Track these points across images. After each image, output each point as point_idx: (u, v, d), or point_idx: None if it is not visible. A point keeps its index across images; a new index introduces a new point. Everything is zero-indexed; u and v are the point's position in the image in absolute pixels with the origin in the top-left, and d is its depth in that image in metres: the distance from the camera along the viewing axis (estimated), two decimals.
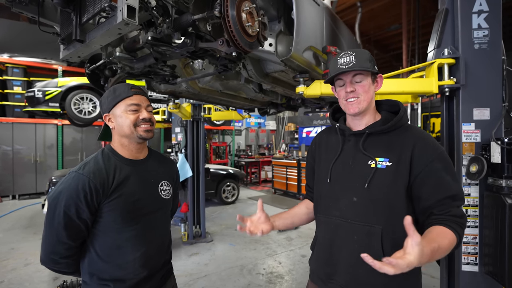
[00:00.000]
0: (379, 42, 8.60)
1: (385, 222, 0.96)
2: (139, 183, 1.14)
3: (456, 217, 0.92)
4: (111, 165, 1.11)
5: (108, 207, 1.06)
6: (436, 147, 0.98)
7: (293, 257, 3.77)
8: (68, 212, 1.01)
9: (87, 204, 1.02)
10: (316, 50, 1.93)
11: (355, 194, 1.01)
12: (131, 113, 1.11)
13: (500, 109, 1.79)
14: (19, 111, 7.10)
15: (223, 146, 10.21)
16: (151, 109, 1.19)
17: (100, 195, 1.04)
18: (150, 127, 1.15)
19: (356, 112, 1.03)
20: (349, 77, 1.03)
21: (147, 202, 1.15)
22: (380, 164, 0.99)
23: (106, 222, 1.08)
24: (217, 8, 1.22)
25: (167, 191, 1.25)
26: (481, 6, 1.82)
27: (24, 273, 3.23)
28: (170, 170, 1.33)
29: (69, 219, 1.02)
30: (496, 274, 1.70)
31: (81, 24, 1.25)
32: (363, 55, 1.02)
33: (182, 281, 3.07)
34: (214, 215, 5.86)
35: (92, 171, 1.05)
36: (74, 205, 1.01)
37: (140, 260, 1.11)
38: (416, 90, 1.92)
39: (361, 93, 1.02)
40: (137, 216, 1.12)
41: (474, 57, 1.82)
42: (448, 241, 0.88)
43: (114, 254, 1.09)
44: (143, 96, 1.16)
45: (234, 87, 2.74)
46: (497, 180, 1.71)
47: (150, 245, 1.15)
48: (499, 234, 1.67)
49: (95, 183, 1.03)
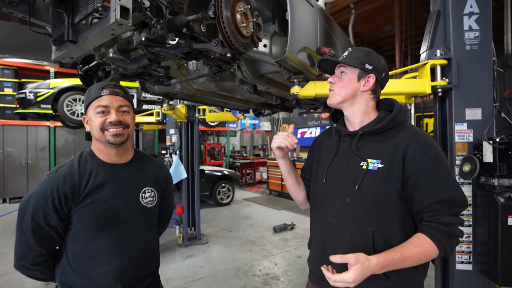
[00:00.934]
0: (372, 44, 8.69)
1: (376, 224, 0.95)
2: (116, 189, 1.07)
3: (443, 225, 0.89)
4: (86, 170, 1.04)
5: (79, 214, 1.00)
6: (430, 148, 0.95)
7: (288, 258, 3.77)
8: (36, 217, 0.96)
9: (55, 210, 0.97)
10: (310, 51, 1.94)
11: (347, 195, 1.01)
12: (99, 116, 1.04)
13: (492, 109, 1.82)
14: (10, 113, 6.97)
15: (218, 147, 10.18)
16: (127, 108, 1.08)
17: (69, 201, 0.98)
18: (121, 131, 1.05)
19: (330, 104, 1.08)
20: (336, 70, 1.10)
21: (123, 210, 1.07)
22: (372, 166, 0.98)
23: (77, 229, 1.02)
24: (212, 9, 1.21)
25: (150, 198, 1.16)
26: (471, 8, 1.86)
27: (15, 278, 3.16)
28: (157, 176, 1.23)
29: (38, 225, 0.97)
30: (489, 272, 1.72)
31: (74, 25, 1.23)
32: (356, 53, 1.04)
33: (177, 283, 3.04)
34: (209, 216, 5.83)
35: (63, 175, 0.99)
36: (42, 210, 0.96)
37: (113, 273, 1.03)
38: (409, 91, 1.94)
39: (335, 87, 1.07)
40: (112, 225, 1.04)
41: (466, 58, 1.85)
42: (421, 250, 0.87)
43: (86, 265, 1.02)
44: (116, 95, 1.06)
45: (229, 88, 2.73)
46: (490, 179, 1.74)
47: (126, 258, 1.07)
48: (492, 232, 1.69)
49: (64, 188, 0.97)
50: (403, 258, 0.87)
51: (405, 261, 0.87)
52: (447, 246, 0.89)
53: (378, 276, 0.91)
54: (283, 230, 4.86)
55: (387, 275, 0.94)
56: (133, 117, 1.12)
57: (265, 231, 4.85)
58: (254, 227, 5.13)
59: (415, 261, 0.87)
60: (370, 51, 1.06)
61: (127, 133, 1.08)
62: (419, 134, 0.99)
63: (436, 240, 0.88)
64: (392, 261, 0.86)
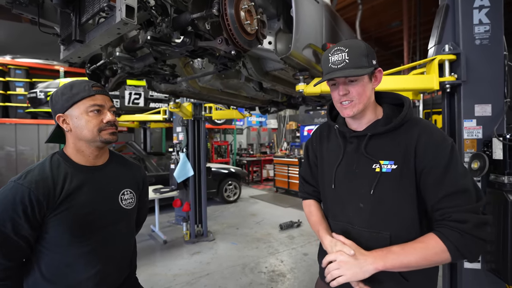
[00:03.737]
0: (380, 40, 8.56)
1: (393, 227, 0.92)
2: (95, 193, 1.02)
3: (454, 222, 0.82)
4: (60, 173, 0.97)
5: (55, 221, 0.93)
6: (439, 141, 0.89)
7: (295, 255, 3.77)
8: (3, 228, 0.87)
9: (27, 219, 0.88)
10: (315, 48, 1.93)
11: (361, 200, 0.96)
12: (94, 116, 0.99)
13: (502, 105, 1.78)
14: (21, 112, 7.14)
15: (225, 145, 10.21)
16: (115, 109, 1.08)
17: (43, 208, 0.90)
18: (116, 130, 1.06)
19: (350, 116, 0.96)
20: (341, 78, 0.93)
21: (103, 213, 1.03)
22: (385, 168, 0.92)
23: (52, 237, 0.94)
24: (216, 7, 1.22)
25: (129, 200, 1.12)
26: (482, 1, 1.81)
27: None
28: (134, 176, 1.19)
29: (5, 237, 0.87)
30: (498, 271, 1.69)
31: (81, 25, 1.25)
32: (357, 50, 0.91)
33: (184, 279, 3.09)
34: (216, 214, 5.87)
35: (34, 180, 0.91)
36: (10, 220, 0.87)
37: (94, 278, 0.99)
38: (416, 87, 1.90)
39: (355, 97, 0.93)
40: (92, 230, 1.00)
41: (475, 53, 1.81)
42: (423, 245, 0.83)
43: (63, 274, 0.96)
44: (106, 95, 1.04)
45: (235, 86, 2.74)
46: (499, 177, 1.70)
47: (108, 261, 1.03)
48: (501, 231, 1.66)
49: (37, 194, 0.89)
50: (403, 250, 0.85)
51: (405, 253, 0.84)
52: (460, 245, 0.81)
53: (395, 278, 0.91)
54: (290, 227, 4.86)
55: (404, 276, 0.92)
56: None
57: (271, 229, 4.86)
58: (261, 224, 5.15)
59: (416, 255, 0.83)
60: (365, 43, 0.95)
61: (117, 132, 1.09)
62: (428, 128, 0.93)
63: (444, 237, 0.82)
64: (389, 250, 0.86)
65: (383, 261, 0.85)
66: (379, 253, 0.87)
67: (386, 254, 0.86)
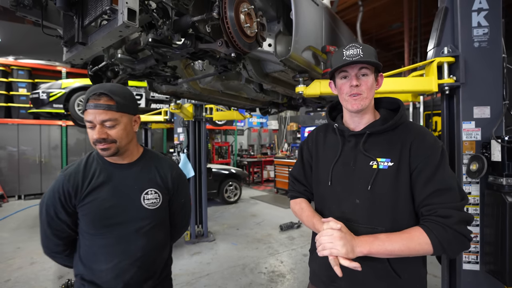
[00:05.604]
0: (381, 41, 8.58)
1: (389, 223, 0.95)
2: (115, 190, 1.08)
3: (439, 217, 0.87)
4: (91, 169, 1.08)
5: (82, 211, 1.06)
6: (432, 143, 0.95)
7: (295, 256, 3.78)
8: (49, 210, 1.05)
9: (62, 205, 1.05)
10: (315, 50, 1.95)
11: (357, 196, 0.99)
12: (89, 130, 1.02)
13: (501, 107, 1.78)
14: (24, 112, 7.19)
15: (225, 146, 10.23)
16: (111, 123, 1.00)
17: (72, 198, 1.05)
18: (108, 145, 1.01)
19: (358, 109, 0.99)
20: (355, 70, 0.98)
21: (122, 210, 1.07)
22: (382, 165, 0.96)
23: (83, 226, 1.08)
24: (216, 10, 1.24)
25: (153, 200, 1.12)
26: (480, 4, 1.82)
27: (30, 272, 3.28)
28: (164, 177, 1.18)
29: (51, 218, 1.06)
30: (497, 272, 1.70)
31: (83, 27, 1.27)
32: (370, 50, 0.98)
33: (185, 280, 3.10)
34: (217, 214, 5.88)
35: (69, 173, 1.06)
36: (52, 205, 1.05)
37: (112, 271, 1.05)
38: (415, 89, 1.92)
39: (364, 90, 0.98)
40: (110, 224, 1.06)
41: (474, 55, 1.82)
42: (408, 235, 0.87)
43: (91, 259, 1.07)
44: (98, 109, 0.98)
45: (235, 87, 2.76)
46: (498, 179, 1.71)
47: (124, 258, 1.06)
48: (500, 232, 1.67)
49: (68, 186, 1.04)
50: (388, 238, 0.88)
51: (390, 241, 0.87)
52: (443, 239, 0.85)
53: (390, 274, 0.94)
54: (290, 228, 4.87)
55: (398, 273, 0.95)
56: (123, 127, 1.04)
57: (271, 229, 4.87)
58: (261, 225, 5.16)
59: (400, 244, 0.87)
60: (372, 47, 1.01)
61: (116, 147, 1.03)
62: (422, 130, 1.00)
63: (429, 230, 0.86)
64: (376, 237, 0.89)
65: (369, 246, 0.88)
66: (366, 238, 0.90)
67: (373, 240, 0.89)
